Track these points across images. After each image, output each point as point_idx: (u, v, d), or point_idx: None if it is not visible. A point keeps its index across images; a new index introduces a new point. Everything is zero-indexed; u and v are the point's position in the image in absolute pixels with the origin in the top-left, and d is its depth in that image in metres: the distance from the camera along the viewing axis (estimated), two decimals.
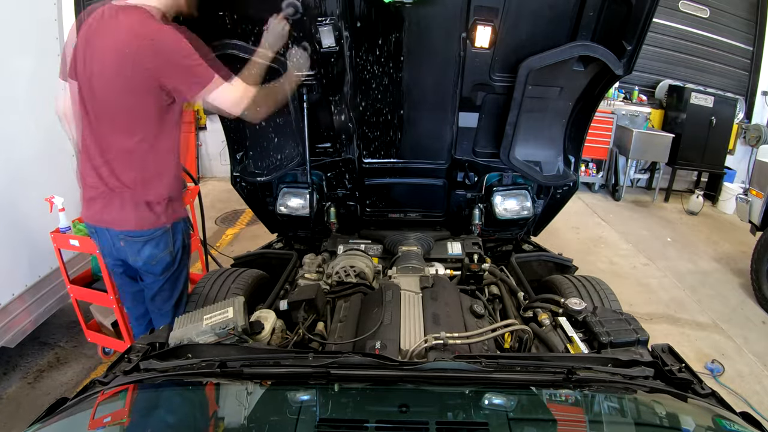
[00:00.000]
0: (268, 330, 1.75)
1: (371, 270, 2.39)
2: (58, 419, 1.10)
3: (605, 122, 6.82)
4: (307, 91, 2.39)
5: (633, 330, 1.67)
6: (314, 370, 1.19)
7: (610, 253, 5.19)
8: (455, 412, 1.11)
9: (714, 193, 7.04)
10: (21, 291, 2.85)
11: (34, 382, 2.87)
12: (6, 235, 2.74)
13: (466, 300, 2.03)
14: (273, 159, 2.73)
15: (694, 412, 1.19)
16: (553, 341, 1.77)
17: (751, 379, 3.26)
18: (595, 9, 2.10)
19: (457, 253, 2.73)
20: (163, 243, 2.09)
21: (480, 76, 2.35)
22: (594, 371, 1.29)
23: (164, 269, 2.15)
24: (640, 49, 2.12)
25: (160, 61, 1.76)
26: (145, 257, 2.07)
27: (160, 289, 2.20)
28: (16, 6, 2.74)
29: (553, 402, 1.16)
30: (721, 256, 5.28)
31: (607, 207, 6.79)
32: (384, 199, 3.00)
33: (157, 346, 1.47)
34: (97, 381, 1.26)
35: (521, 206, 2.92)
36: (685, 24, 7.01)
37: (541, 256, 3.01)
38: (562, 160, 2.79)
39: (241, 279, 2.43)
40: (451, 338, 1.53)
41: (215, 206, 6.05)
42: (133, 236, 2.02)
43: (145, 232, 2.02)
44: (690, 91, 6.70)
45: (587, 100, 2.53)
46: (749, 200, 4.42)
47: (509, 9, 2.06)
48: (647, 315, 3.95)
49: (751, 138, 7.12)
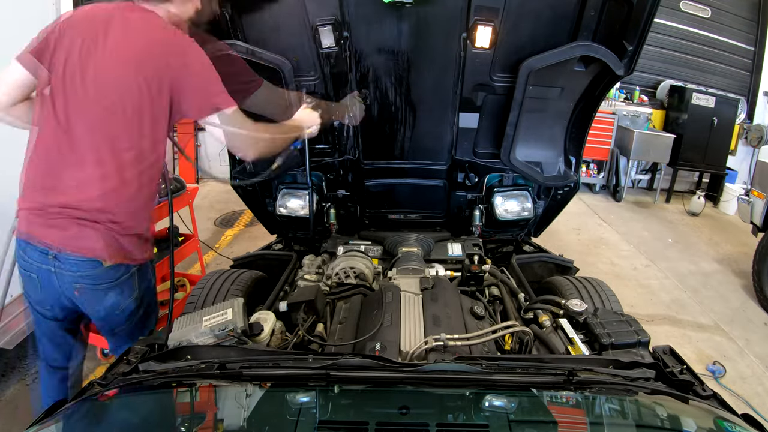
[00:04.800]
0: (268, 331, 1.74)
1: (371, 271, 2.39)
2: (57, 421, 1.09)
3: (606, 123, 6.81)
4: (307, 91, 2.38)
5: (634, 331, 1.66)
6: (314, 371, 1.19)
7: (611, 255, 5.18)
8: (455, 414, 1.11)
9: (715, 194, 7.03)
10: (20, 292, 2.84)
11: (32, 384, 2.87)
12: (5, 236, 2.73)
13: (466, 301, 2.03)
14: (272, 159, 2.72)
15: (695, 414, 1.19)
16: (554, 343, 1.76)
17: (752, 380, 3.24)
18: (596, 9, 2.09)
19: (458, 255, 2.72)
20: (129, 288, 1.73)
21: (480, 76, 2.35)
22: (595, 373, 1.28)
23: (128, 317, 1.78)
24: (641, 49, 2.12)
25: (187, 74, 1.61)
26: (108, 306, 1.71)
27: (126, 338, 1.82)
28: (13, 4, 2.73)
29: (554, 404, 1.16)
30: (722, 258, 5.27)
31: (608, 208, 6.78)
32: (384, 200, 2.99)
33: (156, 347, 1.46)
34: (96, 383, 1.25)
35: (522, 207, 2.91)
36: (686, 24, 7.01)
37: (542, 257, 3.00)
38: (562, 161, 2.79)
39: (240, 280, 2.43)
40: (452, 340, 1.53)
41: (214, 207, 6.05)
42: (95, 282, 1.64)
43: (112, 274, 1.66)
44: (691, 92, 6.69)
45: (588, 101, 2.52)
46: (751, 201, 4.41)
47: (510, 9, 2.06)
48: (648, 316, 3.94)
49: (753, 138, 7.11)
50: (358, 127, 2.57)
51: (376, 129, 2.60)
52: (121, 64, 1.57)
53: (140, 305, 1.81)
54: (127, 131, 1.60)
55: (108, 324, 1.79)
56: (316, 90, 2.42)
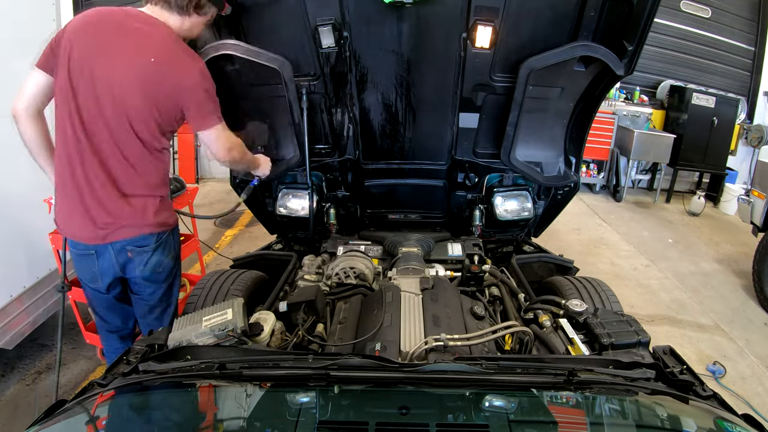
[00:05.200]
0: (268, 332, 1.74)
1: (371, 271, 2.39)
2: (57, 421, 1.09)
3: (606, 123, 6.81)
4: (306, 91, 2.38)
5: (634, 332, 1.66)
6: (314, 371, 1.19)
7: (611, 255, 5.18)
8: (456, 414, 1.11)
9: (715, 194, 7.03)
10: (19, 292, 2.84)
11: (32, 384, 2.87)
12: (4, 236, 2.73)
13: (466, 301, 2.03)
14: (272, 159, 2.72)
15: (695, 414, 1.19)
16: (554, 343, 1.76)
17: (753, 380, 3.24)
18: (596, 9, 2.09)
19: (458, 255, 2.72)
20: (169, 246, 2.04)
21: (480, 76, 2.35)
22: (595, 373, 1.28)
23: (167, 275, 2.10)
24: (641, 49, 2.12)
25: (193, 87, 1.81)
26: (153, 264, 2.00)
27: (159, 300, 2.12)
28: (12, 7, 2.73)
29: (554, 404, 1.15)
30: (722, 258, 5.27)
31: (608, 208, 6.78)
32: (384, 200, 2.99)
33: (156, 347, 1.46)
34: (96, 383, 1.25)
35: (522, 207, 2.91)
36: (686, 24, 7.01)
37: (542, 257, 3.00)
38: (563, 161, 2.79)
39: (240, 280, 2.43)
40: (452, 340, 1.53)
41: (214, 207, 6.05)
42: (142, 245, 1.94)
43: (157, 235, 1.97)
44: (691, 92, 6.70)
45: (588, 101, 2.52)
46: (751, 201, 4.41)
47: (510, 9, 2.06)
48: (648, 316, 3.94)
49: (753, 139, 7.10)
50: (358, 128, 2.57)
51: (376, 129, 2.60)
52: (131, 77, 1.74)
53: (175, 264, 2.12)
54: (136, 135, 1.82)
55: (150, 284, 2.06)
56: (316, 90, 2.42)
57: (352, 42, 2.19)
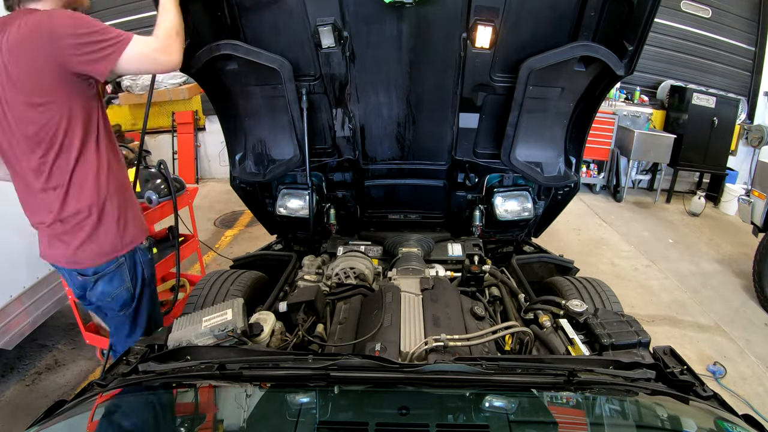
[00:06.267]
0: (268, 332, 1.74)
1: (371, 272, 2.39)
2: (56, 422, 1.09)
3: (606, 123, 6.81)
4: (306, 91, 2.38)
5: (634, 332, 1.66)
6: (314, 372, 1.19)
7: (611, 255, 5.18)
8: (456, 415, 1.11)
9: (716, 194, 7.02)
10: (19, 293, 2.84)
11: (32, 385, 2.87)
12: (4, 237, 2.73)
13: (466, 302, 2.03)
14: (272, 159, 2.72)
15: (695, 414, 1.18)
16: (554, 343, 1.75)
17: (753, 381, 3.24)
18: (596, 9, 2.09)
19: (458, 255, 2.72)
20: (118, 279, 1.86)
21: (480, 76, 2.34)
22: (595, 373, 1.28)
23: (122, 306, 1.93)
24: (641, 49, 2.11)
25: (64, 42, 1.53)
26: (98, 294, 1.88)
27: (119, 325, 2.00)
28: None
29: (554, 404, 1.15)
30: (722, 258, 5.26)
31: (609, 208, 6.77)
32: (384, 201, 2.99)
33: (156, 348, 1.46)
34: (96, 383, 1.25)
35: (522, 207, 2.91)
36: (686, 24, 7.00)
37: (542, 257, 3.00)
38: (563, 161, 2.78)
39: (240, 281, 2.43)
40: (452, 340, 1.53)
41: (214, 207, 6.05)
42: (82, 273, 1.83)
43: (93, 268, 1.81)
44: (692, 92, 6.68)
45: (588, 101, 2.52)
46: (751, 201, 4.40)
47: (510, 9, 2.05)
48: (649, 317, 3.94)
49: (753, 139, 7.09)
50: (358, 128, 2.57)
51: (376, 129, 2.60)
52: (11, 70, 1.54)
53: (132, 296, 1.94)
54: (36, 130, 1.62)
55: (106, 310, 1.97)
56: (316, 90, 2.41)
57: (352, 42, 2.19)
